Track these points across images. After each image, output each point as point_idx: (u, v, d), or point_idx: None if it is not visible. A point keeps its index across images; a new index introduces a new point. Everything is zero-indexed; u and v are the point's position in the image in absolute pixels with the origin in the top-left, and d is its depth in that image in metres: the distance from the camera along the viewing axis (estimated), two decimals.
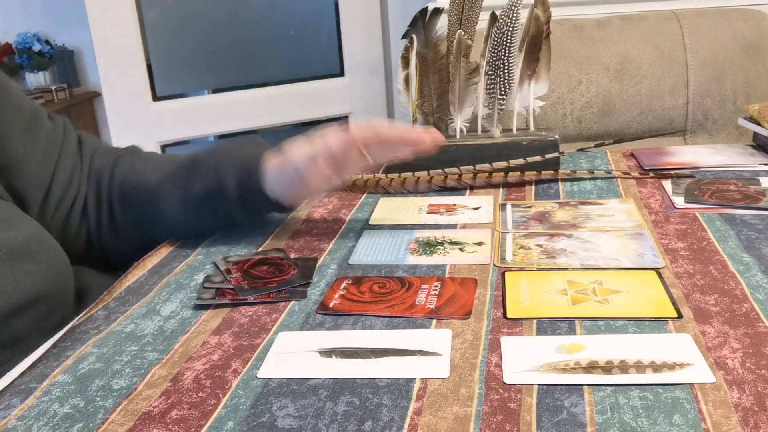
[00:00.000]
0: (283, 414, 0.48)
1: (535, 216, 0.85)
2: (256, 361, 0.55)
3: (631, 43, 1.46)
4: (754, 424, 0.44)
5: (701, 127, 1.47)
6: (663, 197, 0.89)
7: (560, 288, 0.64)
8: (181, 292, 0.69)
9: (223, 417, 0.48)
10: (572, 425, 0.45)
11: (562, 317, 0.59)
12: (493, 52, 1.03)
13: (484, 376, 0.51)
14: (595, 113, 1.44)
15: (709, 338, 0.54)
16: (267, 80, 2.00)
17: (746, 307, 0.59)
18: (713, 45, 1.45)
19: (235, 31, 1.95)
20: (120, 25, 1.80)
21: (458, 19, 1.04)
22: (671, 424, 0.44)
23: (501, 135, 1.04)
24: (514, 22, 1.00)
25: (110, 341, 0.60)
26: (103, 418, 0.49)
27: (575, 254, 0.72)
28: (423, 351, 0.55)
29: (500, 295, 0.64)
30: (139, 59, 1.83)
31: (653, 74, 1.44)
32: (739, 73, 1.45)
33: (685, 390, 0.48)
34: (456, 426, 0.46)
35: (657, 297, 0.62)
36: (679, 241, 0.74)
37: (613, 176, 0.99)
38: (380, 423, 0.46)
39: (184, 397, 0.51)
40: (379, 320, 0.61)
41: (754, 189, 0.88)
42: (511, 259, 0.72)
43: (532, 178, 0.99)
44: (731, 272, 0.66)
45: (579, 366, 0.51)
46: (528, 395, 0.48)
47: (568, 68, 1.44)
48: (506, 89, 1.04)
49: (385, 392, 0.50)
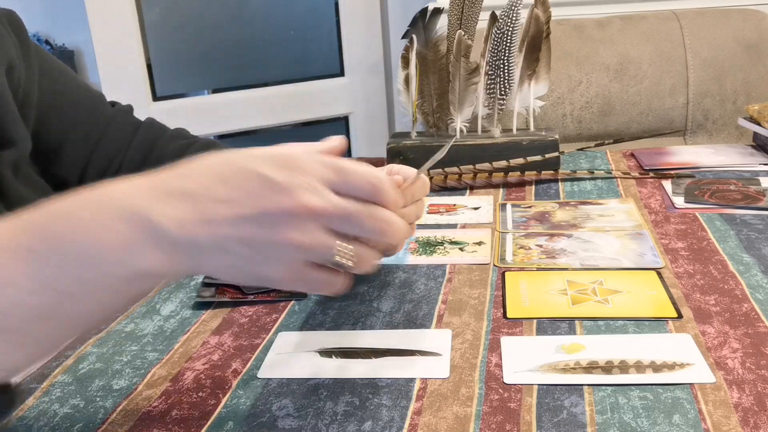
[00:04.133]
0: (283, 414, 0.48)
1: (535, 216, 0.85)
2: (256, 361, 0.55)
3: (631, 43, 1.46)
4: (754, 424, 0.44)
5: (701, 127, 1.46)
6: (663, 197, 0.89)
7: (560, 288, 0.64)
8: (181, 291, 0.69)
9: (223, 417, 0.48)
10: (572, 425, 0.45)
11: (562, 317, 0.59)
12: (493, 52, 1.03)
13: (484, 376, 0.51)
14: (595, 113, 1.44)
15: (709, 338, 0.54)
16: (267, 80, 2.00)
17: (746, 307, 0.59)
18: (713, 45, 1.45)
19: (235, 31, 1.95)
20: (120, 25, 1.80)
21: (458, 19, 1.04)
22: (671, 424, 0.44)
23: (501, 135, 1.04)
24: (514, 22, 1.00)
25: (110, 341, 0.60)
26: (103, 418, 0.49)
27: (575, 254, 0.72)
28: (423, 351, 0.55)
29: (500, 295, 0.64)
30: (139, 59, 1.83)
31: (653, 74, 1.44)
32: (739, 73, 1.45)
33: (685, 390, 0.48)
34: (456, 426, 0.46)
35: (657, 297, 0.62)
36: (679, 241, 0.74)
37: (613, 176, 0.99)
38: (380, 423, 0.46)
39: (184, 397, 0.51)
40: (379, 320, 0.61)
41: (754, 189, 0.88)
42: (511, 259, 0.72)
43: (532, 178, 0.99)
44: (731, 272, 0.66)
45: (579, 366, 0.51)
46: (528, 395, 0.48)
47: (568, 68, 1.44)
48: (506, 89, 1.04)
49: (385, 392, 0.50)
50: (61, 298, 0.41)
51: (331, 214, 0.42)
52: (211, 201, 0.42)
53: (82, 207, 0.42)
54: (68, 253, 0.40)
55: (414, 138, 1.06)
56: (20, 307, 0.40)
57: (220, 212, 0.41)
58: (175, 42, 1.93)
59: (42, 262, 0.40)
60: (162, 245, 0.41)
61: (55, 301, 0.40)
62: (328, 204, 0.42)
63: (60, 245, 0.40)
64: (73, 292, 0.41)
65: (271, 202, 0.41)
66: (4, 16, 0.72)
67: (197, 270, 0.44)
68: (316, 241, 0.42)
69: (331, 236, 0.43)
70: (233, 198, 0.42)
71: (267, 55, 2.02)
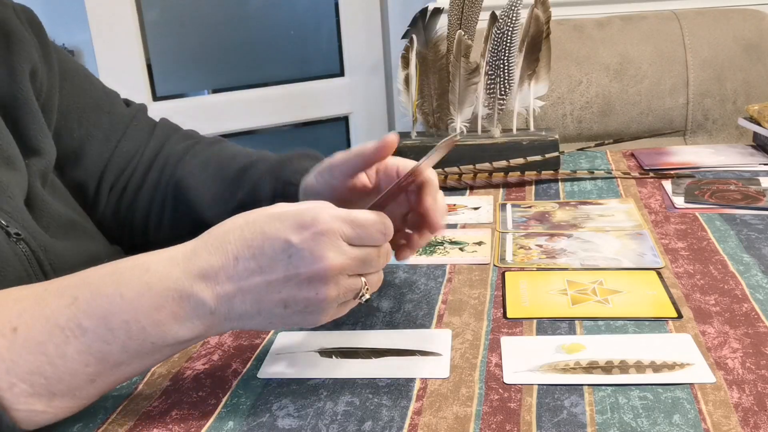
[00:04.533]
0: (283, 414, 0.48)
1: (535, 216, 0.85)
2: (256, 361, 0.55)
3: (631, 43, 1.46)
4: (754, 424, 0.44)
5: (701, 127, 1.46)
6: (663, 197, 0.89)
7: (560, 288, 0.64)
8: None
9: (223, 417, 0.48)
10: (572, 425, 0.45)
11: (562, 317, 0.59)
12: (493, 52, 1.03)
13: (484, 376, 0.51)
14: (595, 113, 1.44)
15: (709, 338, 0.54)
16: (267, 80, 2.00)
17: (746, 307, 0.59)
18: (713, 45, 1.45)
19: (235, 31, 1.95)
20: (120, 25, 1.80)
21: (458, 19, 1.04)
22: (671, 424, 0.44)
23: (501, 135, 1.04)
24: (514, 22, 1.00)
25: None
26: (103, 418, 0.49)
27: (575, 254, 0.72)
28: (423, 351, 0.55)
29: (500, 295, 0.64)
30: (139, 59, 1.83)
31: (653, 74, 1.44)
32: (739, 73, 1.45)
33: (685, 390, 0.48)
34: (456, 426, 0.46)
35: (657, 297, 0.62)
36: (679, 241, 0.74)
37: (613, 176, 0.99)
38: (380, 423, 0.46)
39: (184, 396, 0.51)
40: (379, 320, 0.61)
41: (754, 189, 0.88)
42: (511, 259, 0.72)
43: (532, 178, 0.99)
44: (731, 272, 0.66)
45: (579, 366, 0.51)
46: (528, 395, 0.48)
47: (568, 68, 1.44)
48: (506, 89, 1.04)
49: (385, 392, 0.50)
50: (109, 366, 0.45)
51: (353, 266, 0.48)
52: (246, 272, 0.46)
53: (127, 285, 0.46)
54: (118, 329, 0.45)
55: (414, 138, 1.06)
56: (73, 376, 0.45)
57: (254, 281, 0.46)
58: (175, 42, 1.93)
59: (93, 339, 0.45)
60: (204, 317, 0.46)
61: (103, 369, 0.45)
62: (348, 259, 0.47)
63: (110, 322, 0.45)
64: (121, 360, 0.46)
65: (300, 267, 0.46)
66: (23, 14, 0.69)
67: (235, 329, 0.49)
68: (344, 288, 0.48)
69: (354, 279, 0.49)
70: (263, 266, 0.46)
71: (267, 55, 2.02)
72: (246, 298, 0.46)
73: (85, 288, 0.46)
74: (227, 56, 1.96)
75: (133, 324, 0.45)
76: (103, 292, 0.45)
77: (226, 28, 1.96)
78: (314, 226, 0.46)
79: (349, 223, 0.47)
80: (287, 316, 0.47)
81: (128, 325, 0.45)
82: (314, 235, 0.46)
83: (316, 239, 0.46)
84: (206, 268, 0.46)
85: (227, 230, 0.47)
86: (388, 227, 0.50)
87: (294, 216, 0.47)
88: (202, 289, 0.46)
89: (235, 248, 0.46)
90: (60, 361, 0.44)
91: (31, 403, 0.43)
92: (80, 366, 0.44)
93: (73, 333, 0.44)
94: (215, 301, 0.46)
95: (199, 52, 1.95)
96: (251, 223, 0.47)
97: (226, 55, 1.96)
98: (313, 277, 0.46)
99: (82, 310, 0.45)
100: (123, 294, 0.45)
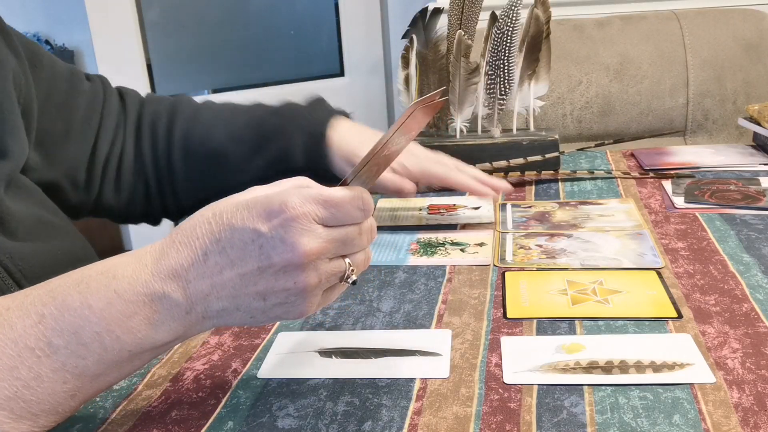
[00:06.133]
0: (283, 414, 0.48)
1: (535, 216, 0.85)
2: (256, 361, 0.55)
3: (631, 43, 1.45)
4: (754, 424, 0.44)
5: (701, 127, 1.46)
6: (663, 197, 0.89)
7: (560, 288, 0.64)
8: None
9: (223, 417, 0.48)
10: (572, 425, 0.45)
11: (562, 317, 0.59)
12: (493, 52, 1.03)
13: (484, 376, 0.51)
14: (595, 113, 1.44)
15: (709, 338, 0.54)
16: (267, 80, 2.00)
17: (746, 307, 0.59)
18: (713, 45, 1.45)
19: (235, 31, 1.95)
20: (120, 25, 1.80)
21: (458, 19, 1.04)
22: (671, 424, 0.44)
23: (501, 135, 1.04)
24: (514, 22, 1.00)
25: None
26: (103, 418, 0.49)
27: (575, 254, 0.72)
28: (423, 351, 0.55)
29: (500, 295, 0.64)
30: (139, 59, 1.83)
31: (653, 74, 1.44)
32: (739, 73, 1.45)
33: (685, 390, 0.48)
34: (456, 426, 0.46)
35: (657, 297, 0.62)
36: (679, 241, 0.74)
37: (613, 176, 0.99)
38: (380, 423, 0.46)
39: (184, 397, 0.51)
40: (379, 320, 0.61)
41: (754, 189, 0.88)
42: (511, 259, 0.72)
43: (532, 178, 0.99)
44: (731, 272, 0.66)
45: (579, 366, 0.51)
46: (528, 395, 0.48)
47: (568, 68, 1.44)
48: (506, 89, 1.04)
49: (385, 392, 0.50)
50: (87, 380, 0.44)
51: (331, 249, 0.45)
52: (217, 267, 0.44)
53: (95, 295, 0.43)
54: (91, 343, 0.43)
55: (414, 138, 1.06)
56: (52, 395, 0.43)
57: (227, 276, 0.44)
58: (175, 42, 1.93)
59: (66, 355, 0.43)
60: (179, 318, 0.44)
61: (82, 383, 0.44)
62: (325, 242, 0.44)
63: (81, 337, 0.43)
64: (99, 372, 0.44)
65: (273, 257, 0.43)
66: None
67: (217, 326, 0.47)
68: (326, 273, 0.45)
69: (337, 261, 0.46)
70: (234, 259, 0.44)
71: (267, 55, 2.02)
72: (221, 293, 0.44)
73: (51, 303, 0.43)
74: (227, 56, 1.96)
75: (105, 335, 0.43)
76: (71, 306, 0.43)
77: (225, 28, 1.96)
78: (283, 212, 0.43)
79: (321, 203, 0.44)
80: (269, 309, 0.45)
81: (101, 336, 0.43)
82: (284, 221, 0.43)
83: (286, 226, 0.43)
84: (176, 268, 0.44)
85: (194, 225, 0.45)
86: (366, 202, 0.46)
87: (262, 203, 0.44)
88: (174, 290, 0.44)
89: (203, 243, 0.44)
90: (35, 383, 0.42)
91: (17, 426, 0.42)
92: (58, 384, 0.43)
93: (44, 352, 0.42)
94: (189, 300, 0.44)
95: (199, 52, 1.95)
96: (218, 215, 0.44)
97: (225, 55, 1.96)
98: (287, 265, 0.43)
99: (50, 327, 0.43)
100: (91, 305, 0.43)
